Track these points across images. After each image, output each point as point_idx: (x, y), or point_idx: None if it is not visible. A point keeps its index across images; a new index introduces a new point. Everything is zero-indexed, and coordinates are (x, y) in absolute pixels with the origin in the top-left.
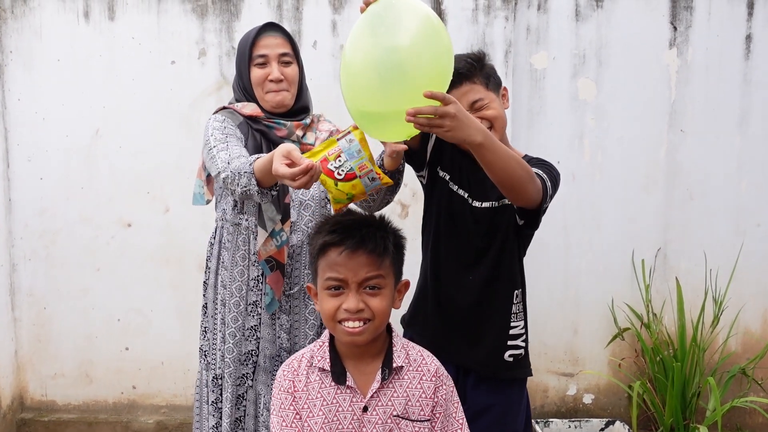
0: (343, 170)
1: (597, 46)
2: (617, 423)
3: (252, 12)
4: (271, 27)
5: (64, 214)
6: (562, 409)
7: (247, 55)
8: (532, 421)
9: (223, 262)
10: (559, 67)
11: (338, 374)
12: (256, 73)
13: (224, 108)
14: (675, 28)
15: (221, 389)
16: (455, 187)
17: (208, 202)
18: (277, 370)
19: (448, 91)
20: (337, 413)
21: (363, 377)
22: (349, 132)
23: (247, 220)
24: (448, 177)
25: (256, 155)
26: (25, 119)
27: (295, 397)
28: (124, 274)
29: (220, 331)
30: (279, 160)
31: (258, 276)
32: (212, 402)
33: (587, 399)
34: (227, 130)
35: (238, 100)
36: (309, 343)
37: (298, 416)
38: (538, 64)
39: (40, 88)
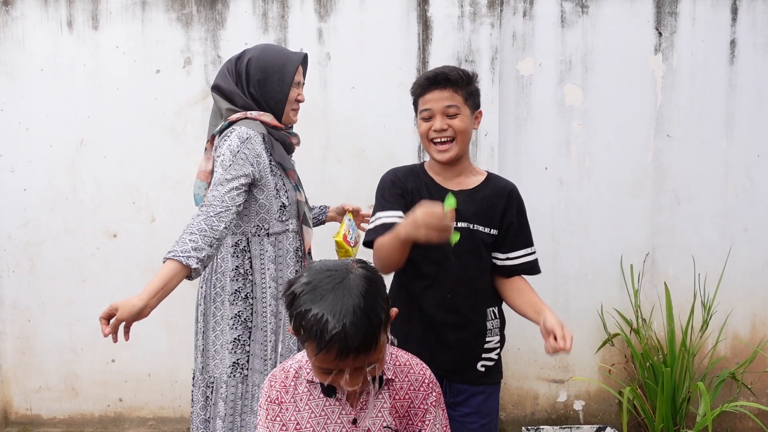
0: (352, 239)
1: (583, 52)
2: (608, 429)
3: (237, 21)
4: (305, 58)
5: (49, 225)
6: (553, 416)
7: (291, 76)
8: (522, 428)
9: (270, 273)
10: (546, 73)
11: (327, 387)
12: (294, 92)
13: (246, 117)
14: (660, 34)
15: None
16: None
17: None
18: None
19: (431, 90)
20: (326, 425)
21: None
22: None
23: (291, 222)
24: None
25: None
26: (8, 129)
27: (282, 408)
28: (109, 285)
29: (270, 341)
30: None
31: None
32: None
33: (578, 405)
34: (238, 159)
35: (244, 108)
36: None
37: (284, 427)
38: (524, 71)
39: (24, 98)
